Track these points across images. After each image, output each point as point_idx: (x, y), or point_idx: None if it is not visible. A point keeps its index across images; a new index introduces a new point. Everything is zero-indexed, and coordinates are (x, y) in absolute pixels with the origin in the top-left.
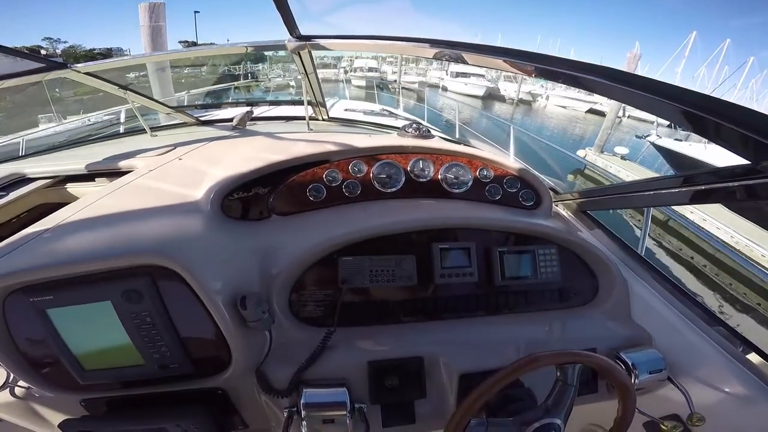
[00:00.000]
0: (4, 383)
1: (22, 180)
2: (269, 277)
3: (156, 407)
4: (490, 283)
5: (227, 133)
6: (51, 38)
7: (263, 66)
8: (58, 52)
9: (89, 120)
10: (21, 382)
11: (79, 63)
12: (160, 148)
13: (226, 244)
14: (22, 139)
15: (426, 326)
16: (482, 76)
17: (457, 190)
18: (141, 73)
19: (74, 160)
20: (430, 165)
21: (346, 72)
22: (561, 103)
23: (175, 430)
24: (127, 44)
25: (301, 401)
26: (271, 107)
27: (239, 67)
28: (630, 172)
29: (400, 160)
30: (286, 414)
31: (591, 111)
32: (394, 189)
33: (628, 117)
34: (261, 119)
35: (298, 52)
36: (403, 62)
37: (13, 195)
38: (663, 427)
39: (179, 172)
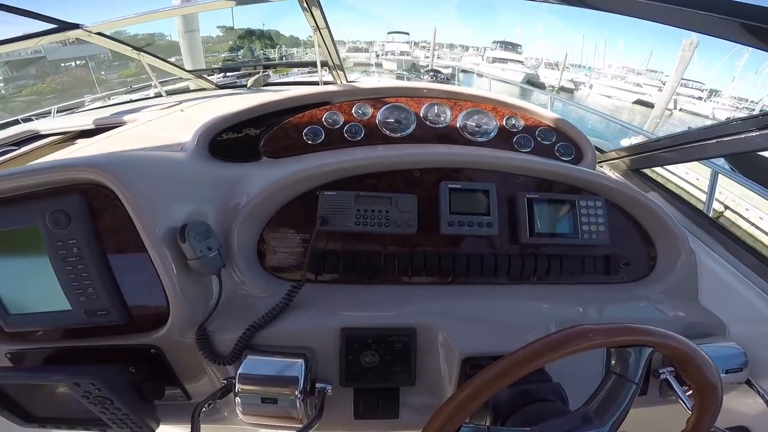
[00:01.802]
0: None
1: (36, 136)
2: (231, 210)
3: (73, 363)
4: (513, 239)
5: (240, 92)
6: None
7: (298, 50)
8: None
9: (132, 99)
10: None
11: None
12: (169, 104)
13: (192, 174)
14: (54, 108)
15: (424, 290)
16: (521, 62)
17: (479, 139)
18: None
19: (86, 118)
20: (447, 110)
21: (377, 56)
22: (605, 92)
23: (86, 389)
24: (168, 29)
25: (238, 371)
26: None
27: (274, 51)
28: (680, 167)
29: (411, 104)
30: (222, 385)
31: (638, 102)
32: (403, 134)
33: (680, 110)
34: (277, 84)
35: (307, 5)
36: (437, 47)
37: (24, 149)
38: None
39: (177, 121)
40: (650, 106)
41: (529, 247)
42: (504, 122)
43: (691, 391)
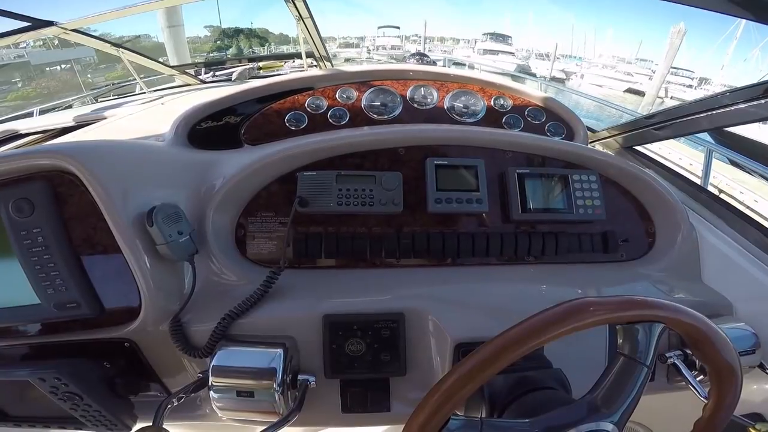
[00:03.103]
0: None
1: (15, 136)
2: (206, 194)
3: (47, 358)
4: (505, 217)
5: (224, 85)
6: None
7: (288, 48)
8: None
9: (117, 97)
10: None
11: None
12: (151, 99)
13: (165, 160)
14: (36, 109)
15: (413, 272)
16: (512, 54)
17: (467, 120)
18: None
19: (67, 116)
20: (434, 92)
21: (369, 51)
22: (596, 81)
23: (52, 384)
24: (155, 30)
25: (211, 363)
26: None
27: (264, 49)
28: (673, 150)
29: (397, 86)
30: (197, 378)
31: (629, 90)
32: (389, 117)
33: (671, 98)
34: (264, 77)
35: None
36: (428, 40)
37: (2, 148)
38: (753, 430)
39: (158, 113)
40: (641, 94)
41: (521, 224)
42: (492, 102)
43: (701, 377)
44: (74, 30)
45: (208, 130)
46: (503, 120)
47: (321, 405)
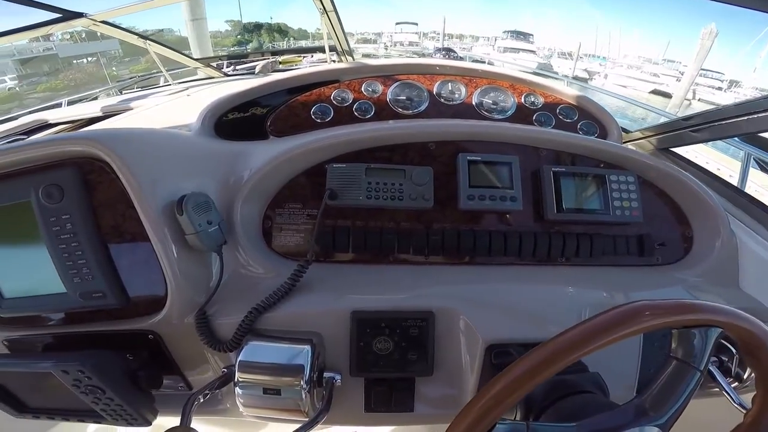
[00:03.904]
0: None
1: (45, 126)
2: (234, 185)
3: (68, 349)
4: (539, 216)
5: (248, 78)
6: None
7: (306, 43)
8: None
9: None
10: None
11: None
12: (177, 90)
13: (194, 150)
14: (65, 100)
15: (442, 270)
16: (533, 52)
17: (496, 116)
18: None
19: (95, 107)
20: (462, 87)
21: (386, 47)
22: (621, 82)
23: (75, 377)
24: (177, 25)
25: (238, 358)
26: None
27: (284, 43)
28: (699, 154)
29: (423, 81)
30: (222, 374)
31: (655, 92)
32: (415, 111)
33: (699, 100)
34: (287, 71)
35: None
36: (447, 37)
37: (32, 139)
38: None
39: (184, 104)
40: (667, 96)
41: (555, 224)
42: (522, 99)
43: (735, 384)
44: (103, 21)
45: (234, 121)
46: (533, 117)
47: (343, 403)
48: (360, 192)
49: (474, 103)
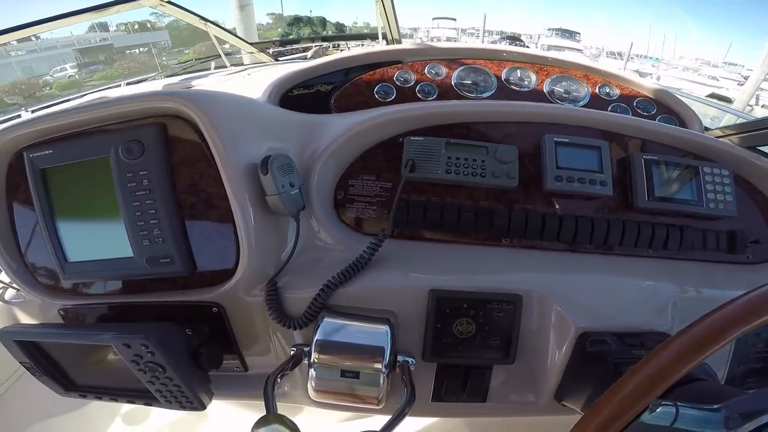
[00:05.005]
0: None
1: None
2: (311, 152)
3: (128, 320)
4: (627, 204)
5: (302, 62)
6: (158, 12)
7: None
8: (163, 25)
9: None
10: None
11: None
12: (236, 71)
13: (270, 115)
14: (124, 82)
15: (523, 254)
16: (579, 51)
17: (569, 105)
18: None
19: (156, 86)
20: (532, 75)
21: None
22: (674, 84)
23: (137, 352)
24: (222, 17)
25: (315, 337)
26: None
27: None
28: None
29: (490, 66)
30: (292, 353)
31: (713, 95)
32: (481, 96)
33: (762, 106)
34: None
35: None
36: (486, 34)
37: (116, 96)
38: None
39: (245, 82)
40: (727, 101)
41: (645, 212)
42: (597, 90)
43: None
44: (169, 2)
45: (299, 96)
46: (608, 108)
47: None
48: (439, 166)
49: (545, 91)
